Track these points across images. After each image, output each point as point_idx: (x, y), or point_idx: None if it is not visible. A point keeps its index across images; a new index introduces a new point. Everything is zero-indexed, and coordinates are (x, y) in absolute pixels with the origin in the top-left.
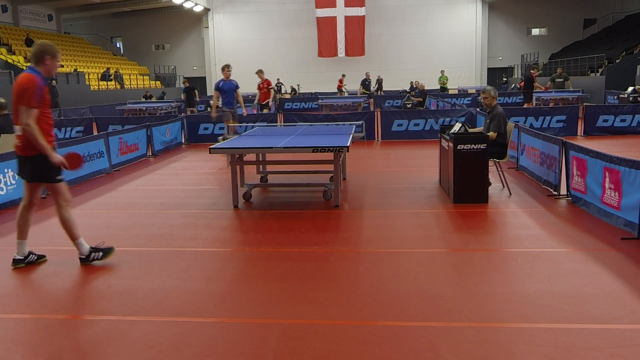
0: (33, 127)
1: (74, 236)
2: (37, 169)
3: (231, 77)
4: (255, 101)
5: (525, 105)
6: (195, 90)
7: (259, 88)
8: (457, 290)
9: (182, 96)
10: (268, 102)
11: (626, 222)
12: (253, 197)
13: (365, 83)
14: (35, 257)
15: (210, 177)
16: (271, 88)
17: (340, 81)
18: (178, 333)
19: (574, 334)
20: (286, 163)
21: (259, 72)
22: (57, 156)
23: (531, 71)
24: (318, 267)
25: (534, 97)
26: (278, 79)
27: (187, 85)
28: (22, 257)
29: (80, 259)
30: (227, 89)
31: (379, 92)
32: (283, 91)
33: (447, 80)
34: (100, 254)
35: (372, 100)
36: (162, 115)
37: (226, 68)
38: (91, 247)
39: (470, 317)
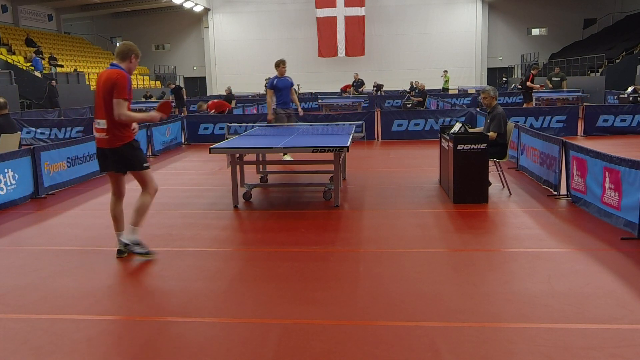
0: (128, 114)
1: (135, 222)
2: (123, 159)
3: (286, 75)
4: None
5: (525, 105)
6: (183, 90)
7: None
8: (457, 290)
9: (170, 98)
10: None
11: (626, 222)
12: (253, 197)
13: (354, 84)
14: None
15: (210, 177)
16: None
17: (348, 86)
18: (178, 333)
19: (574, 334)
20: (286, 163)
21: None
22: (155, 115)
23: (532, 71)
24: (318, 267)
25: (534, 97)
26: None
27: (173, 86)
28: (128, 242)
29: (124, 243)
30: (283, 86)
31: (379, 92)
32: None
33: (449, 80)
34: (143, 250)
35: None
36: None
37: (281, 64)
38: (137, 240)
39: (470, 317)
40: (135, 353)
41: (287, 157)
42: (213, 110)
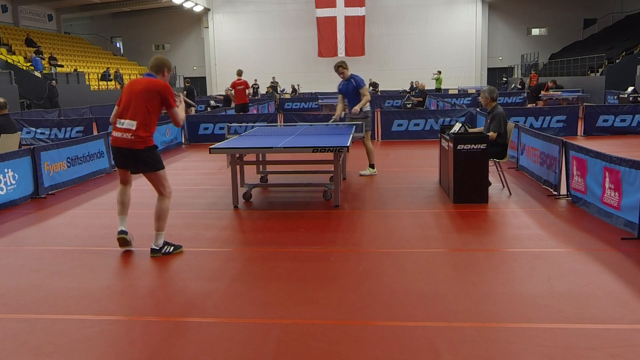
0: (182, 115)
1: (159, 227)
2: (143, 161)
3: (350, 74)
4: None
5: (530, 105)
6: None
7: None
8: (457, 290)
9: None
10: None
11: (626, 222)
12: (253, 197)
13: None
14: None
15: (210, 177)
16: (253, 85)
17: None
18: (178, 333)
19: (574, 334)
20: (286, 163)
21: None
22: (181, 103)
23: (549, 83)
24: (318, 267)
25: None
26: (273, 78)
27: (189, 84)
28: (126, 230)
29: (152, 249)
30: (345, 90)
31: (375, 92)
32: (279, 90)
33: (441, 80)
34: (172, 248)
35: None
36: (161, 115)
37: (340, 67)
38: (165, 241)
39: (470, 317)
40: (135, 353)
41: (368, 172)
42: (232, 91)
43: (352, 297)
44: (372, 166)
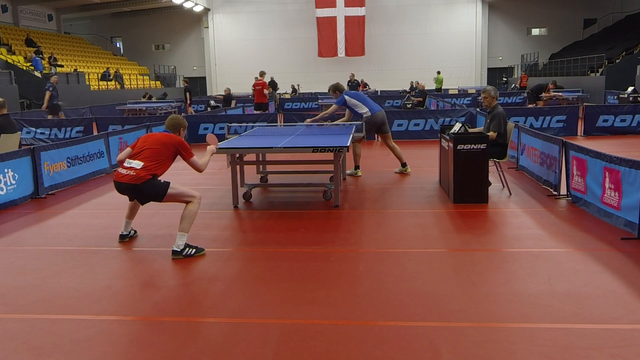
0: (203, 162)
1: (182, 228)
2: (145, 195)
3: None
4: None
5: (528, 105)
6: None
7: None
8: (457, 290)
9: (188, 96)
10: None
11: (626, 222)
12: (253, 197)
13: (350, 84)
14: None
15: (210, 177)
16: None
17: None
18: (178, 333)
19: (574, 334)
20: (286, 163)
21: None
22: (213, 148)
23: (549, 85)
24: (318, 267)
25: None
26: (272, 78)
27: (187, 84)
28: (127, 233)
29: (173, 251)
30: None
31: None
32: (277, 90)
33: (442, 80)
34: (194, 250)
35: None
36: (162, 115)
37: (330, 90)
38: (186, 243)
39: (470, 317)
40: (135, 353)
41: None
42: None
43: (352, 297)
44: (403, 165)
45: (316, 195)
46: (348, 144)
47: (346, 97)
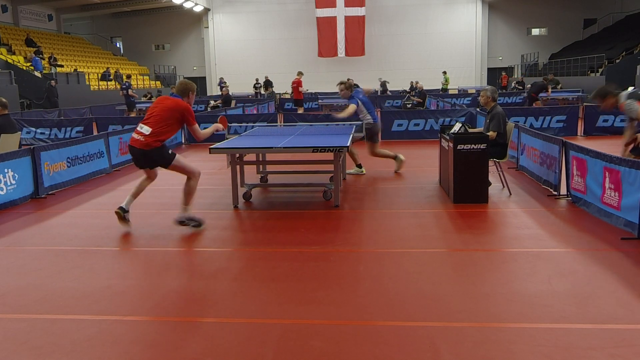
0: (204, 133)
1: (185, 202)
2: (152, 160)
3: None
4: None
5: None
6: None
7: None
8: (457, 290)
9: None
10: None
11: (626, 222)
12: (253, 197)
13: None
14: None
15: (210, 177)
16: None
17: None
18: (178, 333)
19: (574, 334)
20: (286, 163)
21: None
22: (218, 125)
23: (549, 85)
24: (318, 267)
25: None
26: (267, 77)
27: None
28: (126, 208)
29: (177, 220)
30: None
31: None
32: (266, 90)
33: (449, 80)
34: (194, 223)
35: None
36: None
37: (341, 84)
38: (189, 215)
39: (471, 317)
40: (135, 353)
41: (356, 171)
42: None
43: (352, 297)
44: (359, 166)
45: (316, 195)
46: (348, 144)
47: (359, 99)
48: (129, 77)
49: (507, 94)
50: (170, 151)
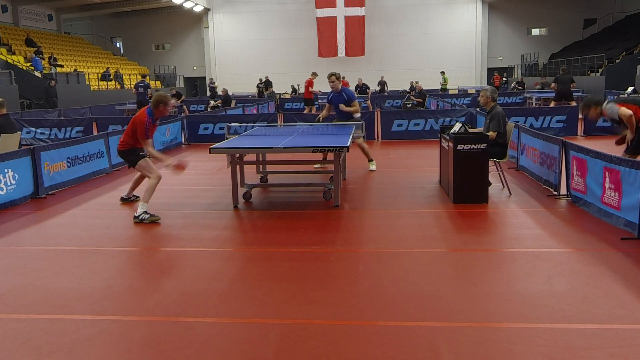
0: (148, 149)
1: (144, 199)
2: (126, 159)
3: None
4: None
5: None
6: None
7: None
8: (457, 290)
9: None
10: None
11: (626, 222)
12: (253, 197)
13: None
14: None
15: (210, 177)
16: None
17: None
18: (178, 333)
19: (574, 334)
20: (286, 163)
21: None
22: (165, 159)
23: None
24: (318, 267)
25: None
26: (267, 77)
27: (175, 92)
28: (127, 197)
29: (134, 216)
30: (336, 102)
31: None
32: (267, 90)
33: (447, 80)
34: (148, 216)
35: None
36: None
37: (334, 76)
38: (145, 211)
39: (470, 317)
40: (135, 353)
41: (373, 166)
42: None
43: (352, 297)
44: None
45: (316, 195)
46: (348, 144)
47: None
48: (144, 76)
49: (507, 94)
50: (140, 154)
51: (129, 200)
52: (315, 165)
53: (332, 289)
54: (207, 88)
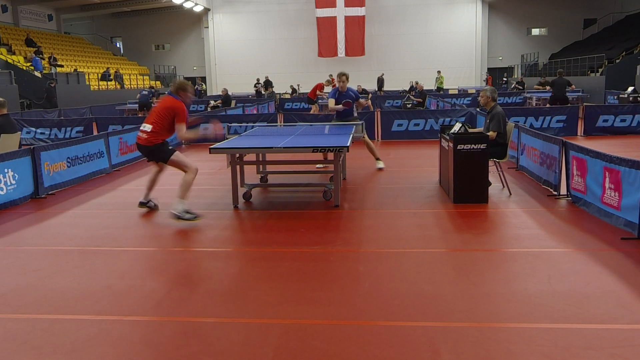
0: (183, 133)
1: (180, 194)
2: (154, 155)
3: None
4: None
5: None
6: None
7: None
8: (457, 290)
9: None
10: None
11: (626, 222)
12: (253, 197)
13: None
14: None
15: (210, 177)
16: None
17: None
18: (178, 333)
19: (573, 334)
20: (286, 163)
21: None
22: (201, 132)
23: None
24: (318, 267)
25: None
26: (267, 77)
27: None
28: (145, 201)
29: (172, 213)
30: (343, 100)
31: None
32: (266, 90)
33: (443, 80)
34: (188, 216)
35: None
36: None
37: (345, 76)
38: (185, 209)
39: (470, 317)
40: (135, 353)
41: (380, 164)
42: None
43: (352, 297)
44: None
45: (316, 195)
46: (348, 144)
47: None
48: (152, 88)
49: (507, 94)
50: (170, 147)
51: (148, 206)
52: (318, 165)
53: (332, 289)
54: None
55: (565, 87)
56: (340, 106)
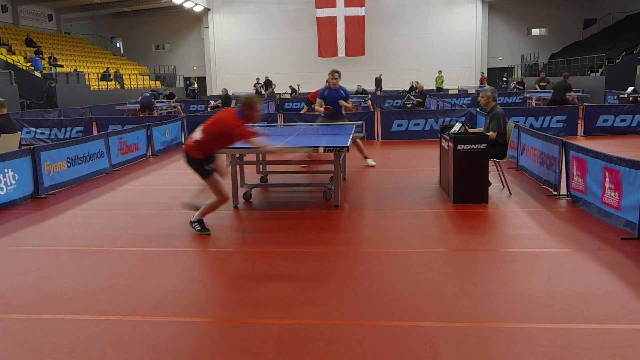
0: (262, 145)
1: (201, 212)
2: (194, 169)
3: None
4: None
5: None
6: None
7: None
8: (457, 290)
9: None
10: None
11: (626, 222)
12: (253, 197)
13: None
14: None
15: None
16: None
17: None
18: (178, 333)
19: (573, 334)
20: (286, 163)
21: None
22: (279, 149)
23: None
24: (318, 267)
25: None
26: (267, 77)
27: (169, 92)
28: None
29: (191, 221)
30: (332, 98)
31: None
32: (266, 90)
33: (443, 80)
34: (199, 228)
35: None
36: (162, 116)
37: (337, 73)
38: (201, 220)
39: (470, 317)
40: (135, 353)
41: (370, 162)
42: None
43: (352, 297)
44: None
45: (316, 195)
46: (348, 144)
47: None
48: (154, 90)
49: (507, 94)
50: (209, 167)
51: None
52: (303, 165)
53: (332, 289)
54: (187, 89)
55: (566, 92)
56: (322, 109)
